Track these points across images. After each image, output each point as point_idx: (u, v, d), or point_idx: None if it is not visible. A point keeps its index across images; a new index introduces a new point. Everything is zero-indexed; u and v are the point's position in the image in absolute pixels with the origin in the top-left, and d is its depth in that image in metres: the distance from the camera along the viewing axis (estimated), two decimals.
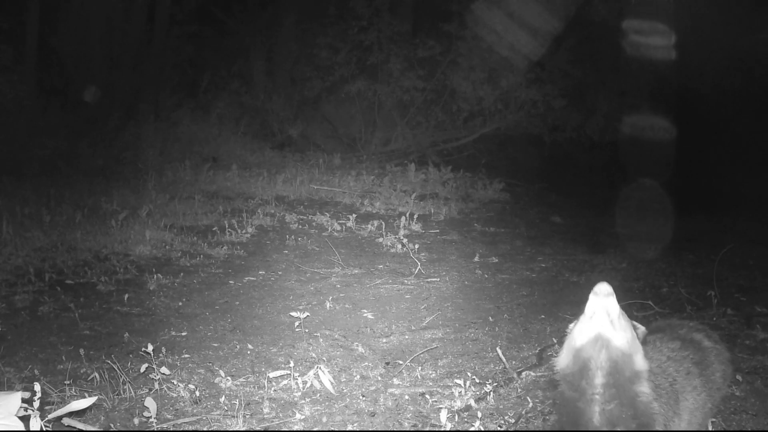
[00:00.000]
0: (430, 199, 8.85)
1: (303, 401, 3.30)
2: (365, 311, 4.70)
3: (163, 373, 3.39)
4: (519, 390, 3.44)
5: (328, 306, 4.74)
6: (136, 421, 3.06)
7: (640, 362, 2.17)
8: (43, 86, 11.05)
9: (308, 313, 4.29)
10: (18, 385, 3.37)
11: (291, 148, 11.96)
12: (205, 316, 4.56)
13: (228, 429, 3.03)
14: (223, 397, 3.31)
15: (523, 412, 3.19)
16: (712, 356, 2.58)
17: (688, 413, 2.37)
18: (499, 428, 3.06)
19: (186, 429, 3.03)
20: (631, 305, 4.71)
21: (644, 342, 2.27)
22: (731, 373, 2.80)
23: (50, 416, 2.49)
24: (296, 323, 4.23)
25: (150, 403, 2.97)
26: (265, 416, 3.15)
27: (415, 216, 7.40)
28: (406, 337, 4.24)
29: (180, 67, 12.81)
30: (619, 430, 2.14)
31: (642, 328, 2.27)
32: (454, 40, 11.81)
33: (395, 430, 3.06)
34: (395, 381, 3.55)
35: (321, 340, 4.13)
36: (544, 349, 3.96)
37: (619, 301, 2.13)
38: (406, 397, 3.36)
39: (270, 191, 8.82)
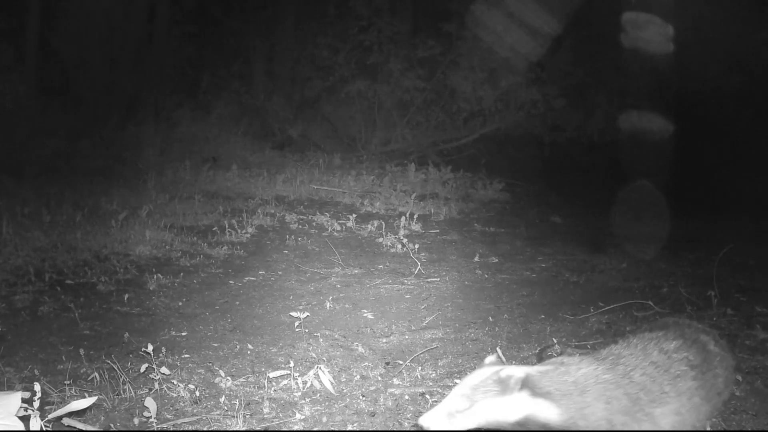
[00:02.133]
0: (430, 199, 8.84)
1: (303, 401, 3.30)
2: (365, 311, 4.70)
3: (163, 373, 3.39)
4: None
5: (328, 306, 4.74)
6: (136, 421, 3.06)
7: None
8: (43, 86, 11.06)
9: (308, 313, 4.29)
10: (18, 385, 3.37)
11: (291, 148, 11.96)
12: (205, 316, 4.56)
13: (228, 429, 3.03)
14: (223, 397, 3.31)
15: None
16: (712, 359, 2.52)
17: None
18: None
19: (186, 429, 3.03)
20: (631, 305, 4.72)
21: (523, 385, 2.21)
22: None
23: (50, 416, 2.49)
24: (296, 323, 4.23)
25: (150, 403, 2.97)
26: (265, 416, 3.15)
27: (415, 216, 7.39)
28: (406, 337, 4.24)
29: (180, 67, 12.83)
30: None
31: (516, 376, 2.22)
32: (454, 40, 11.81)
33: (395, 430, 3.06)
34: (395, 381, 3.55)
35: (321, 340, 4.13)
36: (544, 349, 3.95)
37: (619, 301, 2.15)
38: (406, 397, 3.36)
39: (270, 191, 8.82)
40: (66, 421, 2.72)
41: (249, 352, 3.92)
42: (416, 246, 6.20)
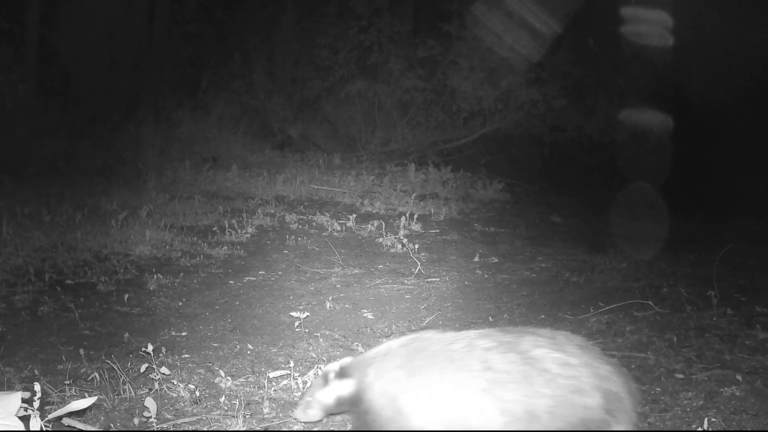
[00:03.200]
0: (430, 199, 8.84)
1: None
2: (365, 311, 4.70)
3: (163, 373, 3.39)
4: None
5: (328, 306, 4.74)
6: (136, 421, 3.06)
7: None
8: (43, 86, 11.05)
9: (308, 313, 4.29)
10: (18, 385, 3.37)
11: (291, 148, 11.95)
12: (205, 316, 4.56)
13: (228, 429, 3.03)
14: (223, 397, 3.31)
15: None
16: None
17: None
18: None
19: (186, 429, 3.03)
20: (631, 305, 4.72)
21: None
22: None
23: (50, 416, 2.49)
24: (296, 323, 4.23)
25: (150, 403, 2.97)
26: (265, 416, 3.15)
27: (415, 216, 7.39)
28: None
29: (180, 67, 12.82)
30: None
31: (332, 369, 2.76)
32: (454, 40, 11.80)
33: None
34: None
35: (321, 340, 4.13)
36: None
37: (619, 301, 2.14)
38: None
39: (270, 191, 8.82)
40: (66, 421, 2.72)
41: (249, 352, 3.92)
42: (416, 246, 6.20)
